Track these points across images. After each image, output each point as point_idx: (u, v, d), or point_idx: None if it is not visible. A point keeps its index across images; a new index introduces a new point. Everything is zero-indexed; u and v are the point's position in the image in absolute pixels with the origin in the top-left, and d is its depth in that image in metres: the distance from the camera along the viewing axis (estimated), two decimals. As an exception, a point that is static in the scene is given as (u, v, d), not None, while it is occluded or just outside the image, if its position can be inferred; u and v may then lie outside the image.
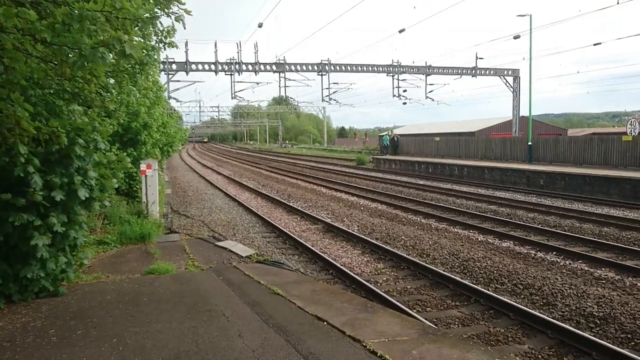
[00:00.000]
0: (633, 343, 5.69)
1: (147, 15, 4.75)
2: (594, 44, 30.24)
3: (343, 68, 34.60)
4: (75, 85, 5.98)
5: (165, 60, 29.01)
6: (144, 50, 8.21)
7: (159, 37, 8.55)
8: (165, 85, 29.22)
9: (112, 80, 7.91)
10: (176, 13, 5.16)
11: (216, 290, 6.64)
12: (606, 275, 8.22)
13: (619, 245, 10.18)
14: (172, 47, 8.62)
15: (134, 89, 12.58)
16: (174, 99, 34.99)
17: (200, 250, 9.59)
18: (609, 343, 5.52)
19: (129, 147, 13.50)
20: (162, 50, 8.90)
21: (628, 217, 13.70)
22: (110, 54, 4.46)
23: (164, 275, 7.49)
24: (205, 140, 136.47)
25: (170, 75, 31.04)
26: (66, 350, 4.59)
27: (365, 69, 35.11)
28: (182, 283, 7.03)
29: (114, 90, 7.90)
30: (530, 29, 27.74)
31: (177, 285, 6.92)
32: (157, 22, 5.32)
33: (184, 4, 4.99)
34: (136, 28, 4.59)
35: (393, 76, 36.38)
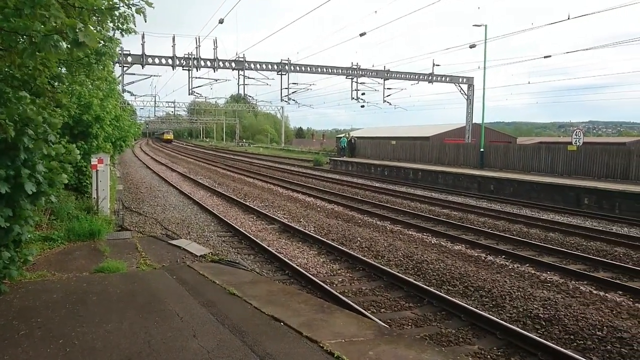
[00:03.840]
0: (575, 344, 5.96)
1: (106, 4, 4.58)
2: (544, 57, 31.52)
3: (303, 69, 34.59)
4: (24, 72, 5.69)
5: (120, 52, 28.12)
6: (102, 41, 7.91)
7: (116, 25, 8.25)
8: (120, 78, 28.35)
9: (64, 70, 7.57)
10: (137, 5, 4.99)
11: (169, 290, 6.48)
12: (551, 278, 8.58)
13: (564, 250, 10.65)
14: (130, 33, 8.32)
15: (87, 80, 12.10)
16: (129, 92, 34.03)
17: (152, 249, 9.34)
18: (554, 344, 5.75)
19: (79, 140, 12.98)
20: (120, 37, 8.59)
21: (572, 223, 14.35)
22: (64, 43, 4.26)
23: (115, 274, 7.25)
24: (168, 137, 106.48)
25: (125, 68, 30.13)
26: (8, 351, 4.36)
27: (325, 70, 35.24)
28: (133, 282, 6.82)
29: (66, 80, 7.57)
30: (485, 39, 28.66)
31: (128, 284, 6.71)
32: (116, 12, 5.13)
33: None
34: (94, 18, 4.41)
35: (352, 79, 36.71)
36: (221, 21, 26.61)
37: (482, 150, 27.45)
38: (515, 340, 5.89)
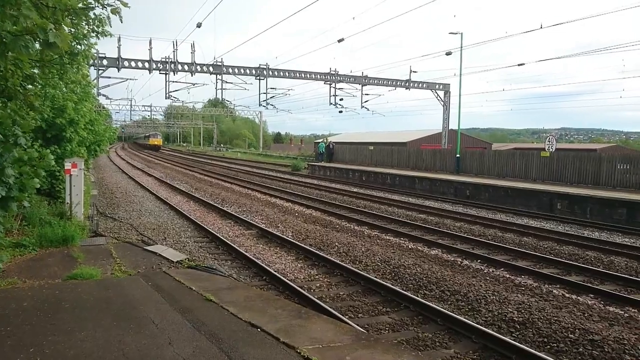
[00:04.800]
0: (549, 346, 6.07)
1: (81, 5, 4.50)
2: (518, 64, 32.21)
3: (281, 74, 34.58)
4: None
5: (95, 54, 27.69)
6: (75, 40, 7.77)
7: (91, 27, 8.13)
8: (95, 81, 27.89)
9: (37, 71, 7.41)
10: (112, 5, 4.91)
11: (145, 297, 6.38)
12: (525, 282, 8.73)
13: (537, 254, 10.85)
14: (106, 35, 8.21)
15: (61, 82, 11.89)
16: (104, 95, 33.46)
17: (128, 255, 9.19)
18: (528, 347, 5.85)
19: (52, 145, 12.73)
20: (96, 40, 8.47)
21: (545, 227, 14.64)
22: (36, 43, 4.17)
23: (88, 281, 7.11)
24: (156, 142, 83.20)
25: (100, 71, 29.65)
26: (-24, 361, 4.24)
27: (303, 75, 35.29)
28: (107, 289, 6.70)
29: (39, 83, 7.40)
30: (461, 46, 29.14)
31: (102, 291, 6.58)
32: (91, 13, 5.04)
33: None
34: (68, 18, 4.33)
35: (330, 84, 36.82)
36: (199, 25, 26.46)
37: (458, 156, 27.83)
38: (490, 343, 5.96)
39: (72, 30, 5.63)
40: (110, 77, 32.75)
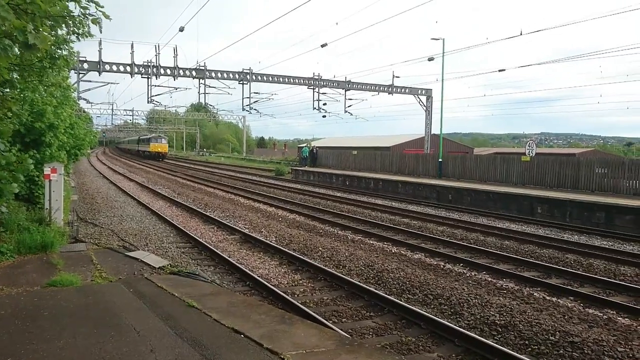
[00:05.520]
0: (530, 349, 6.14)
1: (59, 11, 4.44)
2: (499, 70, 32.72)
3: (265, 78, 34.58)
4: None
5: (76, 58, 27.35)
6: (56, 44, 7.66)
7: (72, 29, 8.02)
8: (75, 85, 27.54)
9: (16, 75, 7.30)
10: (93, 15, 4.86)
11: (126, 304, 6.30)
12: (507, 285, 8.82)
13: (519, 257, 10.99)
14: (87, 37, 8.10)
15: (40, 85, 11.71)
16: (84, 99, 33.09)
17: (109, 261, 9.06)
18: (510, 349, 5.91)
19: (31, 149, 12.51)
20: (76, 41, 8.34)
21: (526, 231, 14.83)
22: (15, 46, 4.11)
23: (68, 288, 6.98)
24: (160, 149, 63.56)
25: (81, 75, 29.30)
26: (-49, 372, 4.13)
27: (286, 80, 35.33)
28: (88, 296, 6.60)
29: (17, 86, 7.29)
30: (443, 52, 29.45)
31: (82, 298, 6.48)
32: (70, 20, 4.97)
33: (102, 7, 4.71)
34: (47, 25, 4.27)
35: (314, 89, 36.93)
36: (181, 29, 26.33)
37: (440, 160, 28.07)
38: (472, 346, 6.01)
39: (53, 33, 5.54)
40: (91, 81, 32.51)
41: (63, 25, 5.57)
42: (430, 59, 31.24)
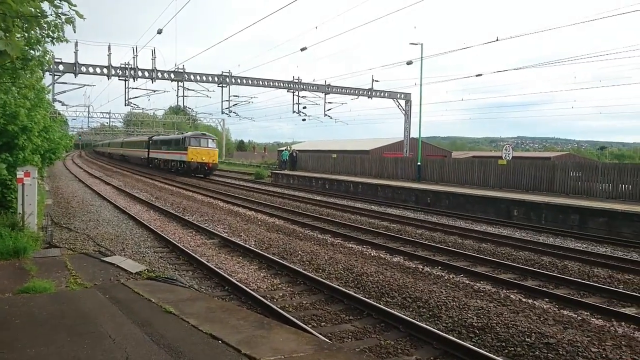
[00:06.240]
0: (507, 351, 6.22)
1: (33, 11, 4.35)
2: (476, 75, 33.20)
3: (244, 81, 34.44)
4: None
5: (51, 59, 26.83)
6: (29, 46, 7.49)
7: (46, 32, 7.86)
8: (50, 87, 27.02)
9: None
10: (66, 14, 4.76)
11: (101, 310, 6.18)
12: (484, 288, 8.93)
13: (496, 260, 11.14)
14: (62, 41, 7.95)
15: (13, 87, 11.44)
16: (60, 102, 32.48)
17: (84, 267, 8.89)
18: (487, 351, 5.98)
19: (4, 152, 12.20)
20: (51, 45, 8.18)
21: (503, 234, 15.05)
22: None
23: (41, 295, 6.83)
24: (208, 158, 38.63)
25: (56, 77, 28.76)
26: None
27: (266, 83, 35.25)
28: (62, 303, 6.46)
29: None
30: (422, 57, 29.78)
31: (56, 305, 6.34)
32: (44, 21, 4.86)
33: (75, 5, 4.62)
34: (19, 26, 4.17)
35: (294, 93, 36.90)
36: (159, 31, 26.08)
37: (419, 164, 28.32)
38: (450, 349, 6.05)
39: (25, 34, 5.43)
40: (66, 83, 31.90)
41: (39, 26, 5.45)
42: (409, 63, 31.51)
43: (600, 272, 10.48)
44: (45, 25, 6.96)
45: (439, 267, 10.43)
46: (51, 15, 4.83)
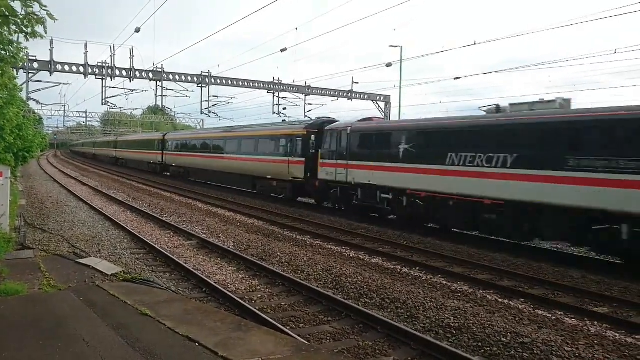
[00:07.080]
0: (483, 350, 6.30)
1: (3, 10, 4.24)
2: (455, 78, 33.65)
3: (224, 82, 34.16)
4: None
5: (25, 57, 26.23)
6: (0, 45, 7.31)
7: (19, 27, 7.68)
8: (24, 85, 26.44)
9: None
10: (37, 14, 4.64)
11: (76, 313, 6.08)
12: (461, 288, 9.03)
13: (472, 261, 11.27)
14: (36, 37, 7.79)
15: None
16: (34, 100, 31.81)
17: (58, 269, 8.73)
18: (463, 352, 6.05)
19: (-25, 151, 11.92)
20: (24, 42, 7.99)
21: (479, 235, 15.19)
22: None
23: (13, 297, 6.68)
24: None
25: (30, 75, 28.13)
26: None
27: (246, 84, 35.04)
28: (35, 305, 6.33)
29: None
30: (401, 59, 30.05)
31: (29, 308, 6.21)
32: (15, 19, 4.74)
33: (45, 6, 4.50)
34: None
35: (274, 93, 36.77)
36: (137, 30, 25.70)
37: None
38: (428, 349, 6.11)
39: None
40: (41, 81, 31.14)
41: (8, 26, 5.32)
42: (389, 65, 31.68)
43: (574, 273, 10.67)
44: (17, 23, 6.81)
45: (417, 268, 10.51)
46: (21, 15, 4.72)
